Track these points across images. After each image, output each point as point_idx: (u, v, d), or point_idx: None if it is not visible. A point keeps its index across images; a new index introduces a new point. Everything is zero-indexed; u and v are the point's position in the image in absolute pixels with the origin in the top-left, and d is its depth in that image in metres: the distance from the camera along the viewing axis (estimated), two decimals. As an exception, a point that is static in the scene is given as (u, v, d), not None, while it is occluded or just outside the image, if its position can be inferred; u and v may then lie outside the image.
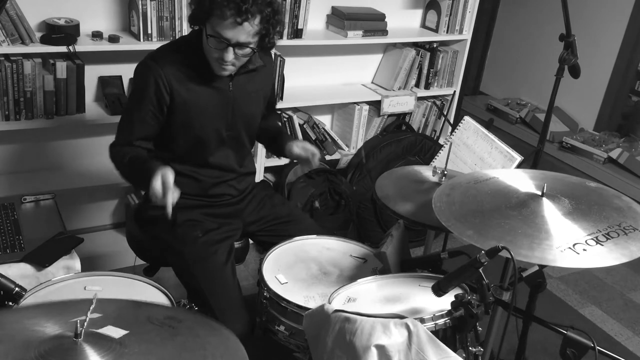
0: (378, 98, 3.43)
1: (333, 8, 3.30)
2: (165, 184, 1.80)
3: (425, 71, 3.58)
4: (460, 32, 3.56)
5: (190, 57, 1.97)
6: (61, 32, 2.56)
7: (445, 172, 2.17)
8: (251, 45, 1.89)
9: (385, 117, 3.53)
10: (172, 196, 1.81)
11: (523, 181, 1.86)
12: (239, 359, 1.22)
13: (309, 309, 1.69)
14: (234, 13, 1.80)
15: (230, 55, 1.88)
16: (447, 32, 3.53)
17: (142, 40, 2.70)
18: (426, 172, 2.27)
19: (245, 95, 2.09)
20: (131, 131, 2.00)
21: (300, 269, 2.02)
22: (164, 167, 1.84)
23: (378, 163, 3.35)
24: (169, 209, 1.79)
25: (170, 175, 1.81)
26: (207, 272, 2.02)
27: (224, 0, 1.79)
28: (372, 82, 3.63)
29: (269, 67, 2.22)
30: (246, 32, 1.84)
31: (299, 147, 2.20)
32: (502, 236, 1.58)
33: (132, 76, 2.69)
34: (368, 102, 3.45)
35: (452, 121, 3.71)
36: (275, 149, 2.34)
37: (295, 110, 3.35)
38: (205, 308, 1.96)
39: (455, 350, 1.52)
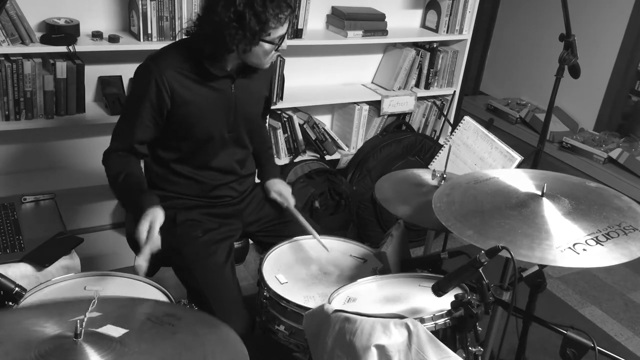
0: (378, 98, 3.43)
1: (333, 8, 3.30)
2: (151, 229, 1.80)
3: (425, 71, 3.58)
4: (460, 32, 3.56)
5: (192, 59, 1.96)
6: (61, 32, 2.56)
7: (445, 176, 2.17)
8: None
9: (385, 117, 3.54)
10: (154, 242, 1.81)
11: (523, 181, 1.86)
12: (239, 355, 1.22)
13: (309, 309, 1.69)
14: (285, 7, 1.87)
15: (285, 43, 1.95)
16: (447, 32, 3.53)
17: (142, 40, 2.70)
18: (425, 175, 2.28)
19: (247, 96, 2.09)
20: (130, 134, 1.98)
21: (300, 269, 2.02)
22: (154, 209, 1.84)
23: (378, 163, 3.35)
24: (143, 258, 1.77)
25: (158, 220, 1.82)
26: (206, 272, 2.02)
27: (274, 8, 1.83)
28: (372, 82, 3.63)
29: (270, 69, 2.22)
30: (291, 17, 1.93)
31: (276, 192, 2.25)
32: (502, 236, 1.58)
33: (132, 76, 2.69)
34: (368, 102, 3.45)
35: (452, 121, 3.71)
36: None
37: (295, 110, 3.35)
38: (205, 308, 1.96)
39: (455, 350, 1.52)
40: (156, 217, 1.83)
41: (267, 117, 2.46)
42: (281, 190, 2.25)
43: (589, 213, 1.69)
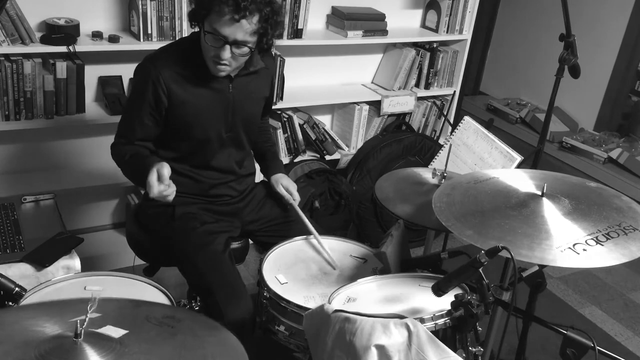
0: (378, 98, 3.43)
1: (333, 8, 3.30)
2: (160, 178, 1.81)
3: (425, 71, 3.58)
4: (460, 32, 3.56)
5: (190, 59, 1.96)
6: (61, 32, 2.56)
7: (445, 174, 2.17)
8: (249, 45, 1.88)
9: (385, 117, 3.54)
10: (168, 190, 1.83)
11: (523, 181, 1.86)
12: (239, 356, 1.22)
13: (309, 309, 1.69)
14: (232, 10, 1.79)
15: (227, 53, 1.87)
16: (447, 32, 3.53)
17: (142, 40, 2.70)
18: (426, 174, 2.28)
19: (246, 97, 2.09)
20: (130, 132, 2.01)
21: (300, 269, 2.02)
22: (159, 163, 1.85)
23: (378, 163, 3.35)
24: (170, 198, 1.84)
25: (165, 170, 1.82)
26: (206, 258, 2.01)
27: None
28: (372, 82, 3.63)
29: (271, 70, 2.21)
30: (244, 30, 1.83)
31: (284, 186, 2.24)
32: (502, 236, 1.58)
33: (132, 76, 2.69)
34: (368, 102, 3.45)
35: (452, 121, 3.71)
36: (261, 169, 2.37)
37: (295, 110, 3.35)
38: (207, 298, 1.95)
39: (455, 350, 1.52)
40: (162, 166, 1.83)
41: (268, 116, 2.45)
42: (288, 186, 2.25)
43: (589, 213, 1.69)
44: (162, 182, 1.82)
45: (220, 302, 1.92)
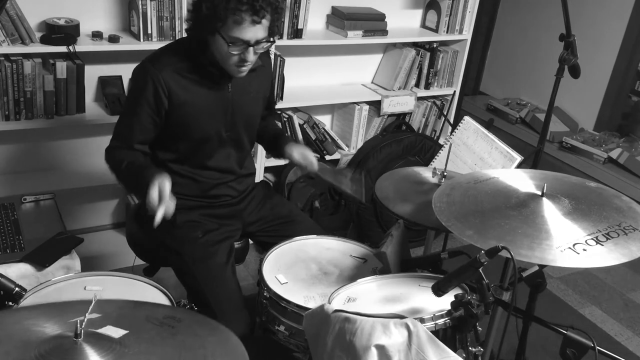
0: (378, 98, 3.43)
1: (333, 8, 3.30)
2: (161, 194, 1.79)
3: (425, 71, 3.58)
4: (460, 32, 3.56)
5: (189, 59, 1.96)
6: (61, 32, 2.56)
7: (445, 174, 2.17)
8: (266, 39, 1.91)
9: (385, 117, 3.54)
10: (168, 206, 1.80)
11: (523, 181, 1.86)
12: (239, 357, 1.22)
13: (309, 309, 1.69)
14: (250, 14, 1.81)
15: (251, 55, 1.89)
16: (447, 32, 3.53)
17: (142, 40, 2.70)
18: (426, 173, 2.28)
19: (245, 96, 2.09)
20: (129, 135, 1.99)
21: (300, 269, 2.02)
22: (161, 175, 1.83)
23: (378, 163, 3.34)
24: (158, 219, 1.78)
25: (167, 184, 1.81)
26: (207, 273, 2.02)
27: (238, 4, 1.79)
28: (372, 82, 3.63)
29: (268, 68, 2.22)
30: (263, 28, 1.87)
31: (299, 153, 2.20)
32: (502, 236, 1.58)
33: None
34: (368, 102, 3.45)
35: (452, 121, 3.71)
36: (274, 150, 2.33)
37: (295, 110, 3.35)
38: (206, 309, 1.96)
39: (455, 350, 1.52)
40: (164, 181, 1.81)
41: (273, 117, 2.44)
42: (305, 153, 2.20)
43: (589, 213, 1.69)
44: (163, 199, 1.79)
45: (218, 318, 1.92)
